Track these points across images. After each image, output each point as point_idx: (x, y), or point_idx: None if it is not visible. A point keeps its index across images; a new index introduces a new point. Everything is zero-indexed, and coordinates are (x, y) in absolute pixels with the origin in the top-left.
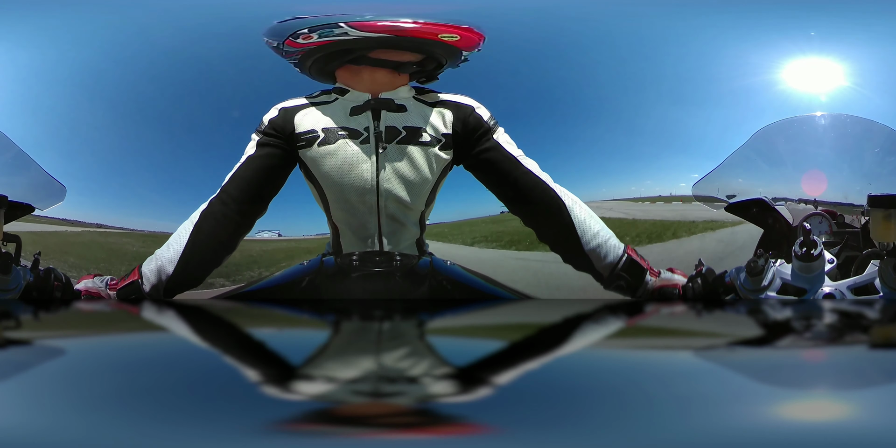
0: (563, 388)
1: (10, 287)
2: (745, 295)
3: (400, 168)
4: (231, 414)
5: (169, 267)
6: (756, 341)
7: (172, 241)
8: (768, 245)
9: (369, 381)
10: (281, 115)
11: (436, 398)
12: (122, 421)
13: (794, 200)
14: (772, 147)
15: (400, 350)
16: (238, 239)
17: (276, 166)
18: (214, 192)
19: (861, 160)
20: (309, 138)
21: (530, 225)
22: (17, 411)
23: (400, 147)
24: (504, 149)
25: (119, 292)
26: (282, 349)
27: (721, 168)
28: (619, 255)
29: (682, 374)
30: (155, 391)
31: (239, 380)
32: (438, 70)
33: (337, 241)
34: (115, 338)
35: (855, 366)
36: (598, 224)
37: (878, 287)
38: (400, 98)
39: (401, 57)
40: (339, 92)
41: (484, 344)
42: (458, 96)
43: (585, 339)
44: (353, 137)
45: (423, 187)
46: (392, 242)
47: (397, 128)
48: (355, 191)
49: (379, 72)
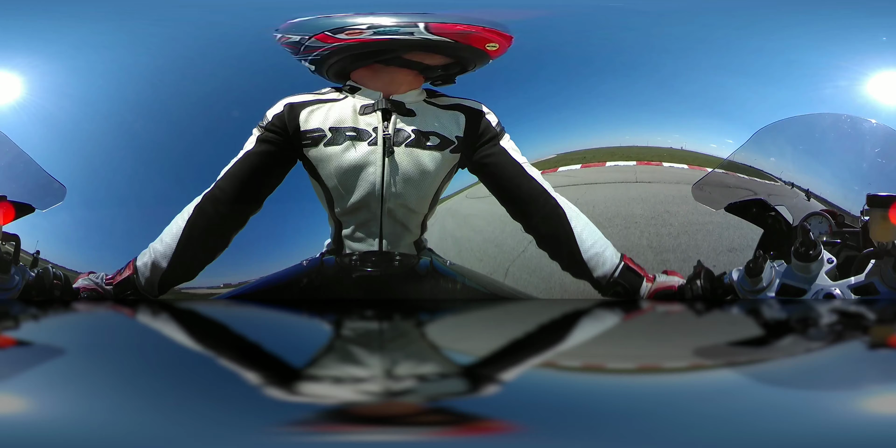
0: (564, 388)
1: (10, 286)
2: (744, 295)
3: (407, 172)
4: (231, 414)
5: (163, 262)
6: (755, 341)
7: (165, 236)
8: (768, 245)
9: (370, 381)
10: (286, 111)
11: (438, 398)
12: (122, 421)
13: (795, 200)
14: (772, 147)
15: (400, 350)
16: (231, 236)
17: (274, 164)
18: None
19: (861, 160)
20: (315, 137)
21: (530, 232)
22: (16, 411)
23: (408, 150)
24: (510, 155)
25: (115, 287)
26: (282, 349)
27: (721, 167)
28: (615, 263)
29: (681, 374)
30: (155, 391)
31: (239, 379)
32: (459, 74)
33: (339, 237)
34: (114, 338)
35: (855, 366)
36: (597, 234)
37: (878, 287)
38: (411, 101)
39: (432, 60)
40: (350, 90)
41: (484, 344)
42: (468, 100)
43: (585, 338)
44: (361, 139)
45: (429, 191)
46: (391, 243)
47: (406, 131)
48: (360, 193)
49: (402, 73)
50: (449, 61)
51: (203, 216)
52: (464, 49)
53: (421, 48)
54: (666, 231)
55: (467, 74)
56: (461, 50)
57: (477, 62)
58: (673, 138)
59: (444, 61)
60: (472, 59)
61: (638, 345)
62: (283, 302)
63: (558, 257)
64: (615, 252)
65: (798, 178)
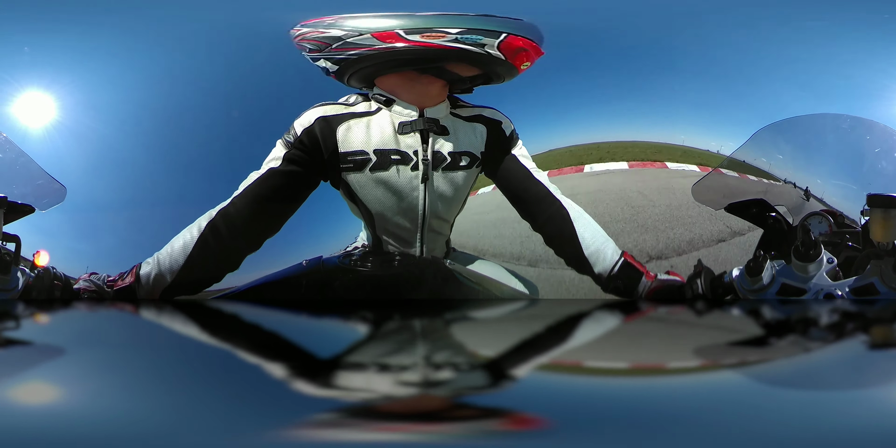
0: (564, 387)
1: (10, 287)
2: (745, 295)
3: (443, 192)
4: (230, 414)
5: (167, 276)
6: (755, 341)
7: (173, 249)
8: (768, 245)
9: (370, 382)
10: (318, 126)
11: (442, 397)
12: (121, 421)
13: (795, 200)
14: (772, 147)
15: (399, 350)
16: (242, 258)
17: (299, 186)
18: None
19: (861, 160)
20: (359, 161)
21: (538, 230)
22: (16, 412)
23: (445, 174)
24: (520, 162)
25: (115, 292)
26: (281, 349)
27: (721, 167)
28: (615, 259)
29: (681, 375)
30: (154, 391)
31: (239, 379)
32: (480, 85)
33: (378, 246)
34: (114, 338)
35: (855, 366)
36: (598, 232)
37: (878, 287)
38: (443, 116)
39: (467, 72)
40: (386, 102)
41: (485, 344)
42: (487, 109)
43: (585, 338)
44: (404, 163)
45: (461, 203)
46: (429, 250)
47: (443, 154)
48: (402, 217)
49: (436, 84)
50: (479, 73)
51: (215, 235)
52: (503, 65)
53: (468, 60)
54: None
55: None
56: (500, 66)
57: (504, 78)
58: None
59: (476, 73)
60: (502, 75)
61: (638, 344)
62: (284, 302)
63: (563, 254)
64: (616, 249)
65: (798, 177)
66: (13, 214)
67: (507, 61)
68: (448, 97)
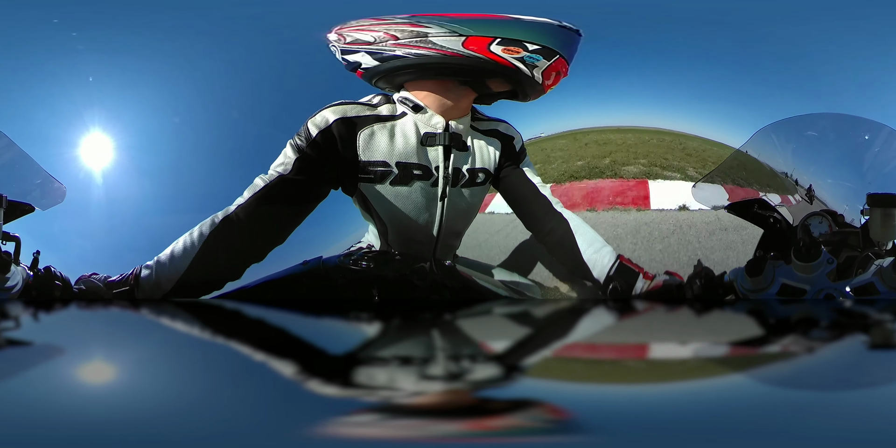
0: (563, 388)
1: (10, 286)
2: (745, 295)
3: (460, 209)
4: (231, 414)
5: (167, 284)
6: (756, 342)
7: (174, 255)
8: (768, 245)
9: (370, 381)
10: (336, 128)
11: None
12: (121, 421)
13: (795, 200)
14: (772, 147)
15: (399, 350)
16: (245, 268)
17: (309, 195)
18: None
19: (861, 160)
20: (380, 173)
21: (541, 241)
22: (16, 412)
23: (463, 190)
24: (526, 176)
25: (114, 295)
26: (282, 349)
27: (721, 168)
28: (611, 261)
29: (681, 375)
30: (154, 391)
31: (239, 380)
32: (502, 99)
33: (387, 244)
34: (114, 338)
35: (855, 366)
36: (596, 238)
37: (878, 287)
38: (464, 129)
39: (500, 87)
40: (413, 108)
41: (485, 343)
42: (501, 124)
43: (585, 338)
44: (425, 179)
45: (474, 216)
46: (441, 258)
47: (462, 171)
48: (418, 230)
49: (470, 96)
50: (508, 90)
51: (219, 242)
52: (537, 87)
53: (514, 78)
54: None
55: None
56: (533, 88)
57: (529, 98)
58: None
59: (505, 88)
60: (528, 96)
61: (637, 344)
62: (284, 302)
63: (564, 262)
64: (612, 253)
65: (798, 177)
66: (13, 214)
67: (540, 85)
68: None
